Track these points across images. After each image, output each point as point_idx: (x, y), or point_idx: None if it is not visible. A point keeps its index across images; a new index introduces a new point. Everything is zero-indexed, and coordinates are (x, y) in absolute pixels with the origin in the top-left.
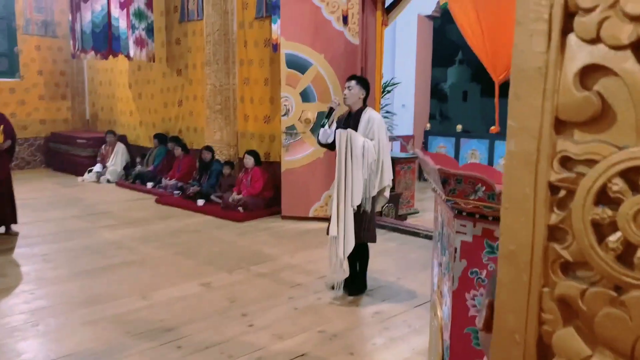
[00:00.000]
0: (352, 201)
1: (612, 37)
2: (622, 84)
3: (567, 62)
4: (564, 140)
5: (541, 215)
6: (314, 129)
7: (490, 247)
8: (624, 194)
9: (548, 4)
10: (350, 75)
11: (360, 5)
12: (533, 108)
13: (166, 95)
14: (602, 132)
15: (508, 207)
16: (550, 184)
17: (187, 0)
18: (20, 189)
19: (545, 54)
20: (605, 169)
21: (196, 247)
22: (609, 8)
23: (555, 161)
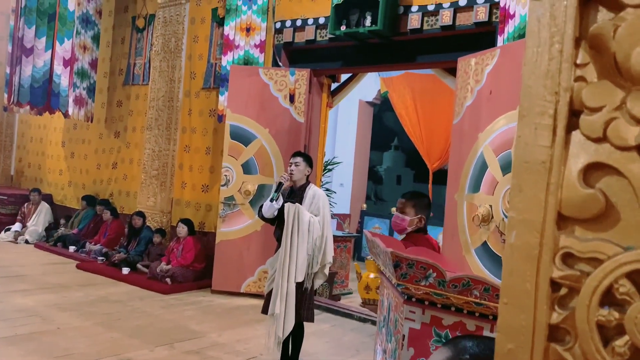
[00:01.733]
0: (295, 277)
1: (618, 137)
2: (627, 184)
3: (571, 158)
4: (567, 237)
5: (542, 313)
6: (252, 201)
7: (438, 336)
8: (631, 296)
9: (554, 100)
10: (296, 152)
11: (307, 87)
12: (536, 201)
13: (101, 156)
14: (605, 231)
15: (507, 303)
16: (552, 281)
17: (133, 65)
18: None
19: (550, 149)
20: (612, 269)
21: (117, 319)
22: (616, 109)
23: (557, 257)
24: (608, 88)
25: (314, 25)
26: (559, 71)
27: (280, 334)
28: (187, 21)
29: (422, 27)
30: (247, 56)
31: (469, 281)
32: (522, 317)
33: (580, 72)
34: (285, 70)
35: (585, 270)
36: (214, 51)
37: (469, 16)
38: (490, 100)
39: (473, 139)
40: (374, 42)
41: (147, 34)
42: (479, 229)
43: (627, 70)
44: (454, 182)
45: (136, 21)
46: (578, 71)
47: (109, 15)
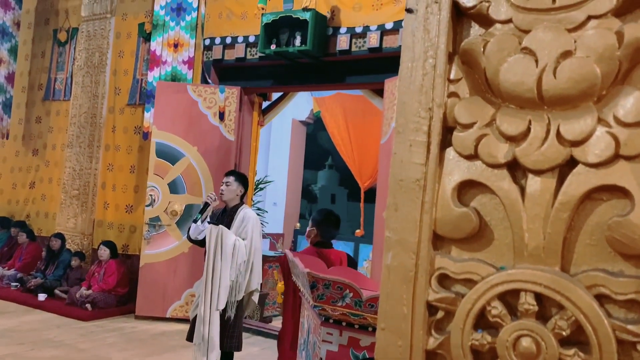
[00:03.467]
0: (217, 304)
1: (489, 154)
2: (499, 202)
3: (445, 176)
4: (442, 257)
5: (419, 338)
6: (179, 222)
7: (356, 358)
8: (503, 319)
9: (427, 116)
10: (229, 171)
11: (237, 104)
12: (411, 220)
13: (17, 175)
14: (479, 250)
15: (384, 328)
16: (429, 304)
17: (54, 79)
18: None
19: (424, 166)
20: (484, 291)
21: (29, 350)
22: (486, 126)
23: (433, 279)
24: (479, 104)
25: (244, 43)
26: (433, 87)
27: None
28: (112, 35)
29: (350, 48)
30: (175, 72)
31: None
32: (399, 343)
33: (453, 87)
34: (215, 87)
35: (461, 292)
36: (140, 67)
37: (395, 39)
38: None
39: None
40: (304, 61)
41: (70, 48)
42: None
43: (496, 86)
44: (382, 200)
45: (58, 34)
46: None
47: (28, 28)
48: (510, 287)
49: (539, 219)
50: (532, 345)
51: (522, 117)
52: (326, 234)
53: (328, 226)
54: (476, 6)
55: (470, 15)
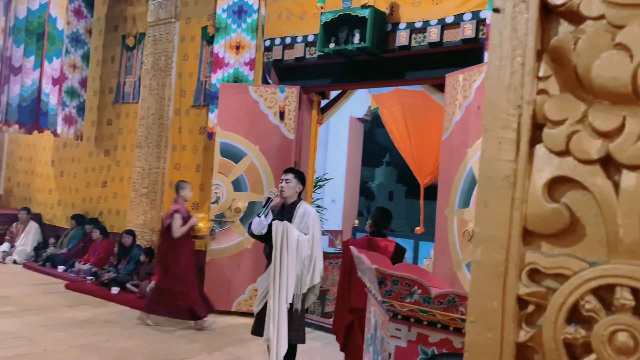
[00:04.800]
0: (287, 298)
1: (581, 151)
2: (591, 198)
3: (535, 173)
4: (533, 252)
5: (510, 331)
6: (243, 218)
7: (425, 354)
8: (597, 313)
9: (517, 114)
10: (288, 168)
11: (296, 103)
12: (501, 217)
13: (90, 175)
14: (570, 245)
15: (474, 321)
16: (519, 298)
17: (123, 83)
18: None
19: (514, 163)
20: (577, 285)
21: (104, 340)
22: (578, 122)
23: (524, 273)
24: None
25: (303, 43)
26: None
27: (273, 358)
28: (177, 39)
29: (410, 44)
30: (237, 74)
31: (455, 297)
32: (489, 336)
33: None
34: (275, 87)
35: (552, 286)
36: (203, 69)
37: (456, 33)
38: (479, 115)
39: (462, 154)
40: (363, 59)
41: (137, 53)
42: (470, 244)
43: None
44: (444, 198)
45: (126, 40)
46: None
47: (99, 35)
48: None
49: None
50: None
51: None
52: (379, 226)
53: (379, 220)
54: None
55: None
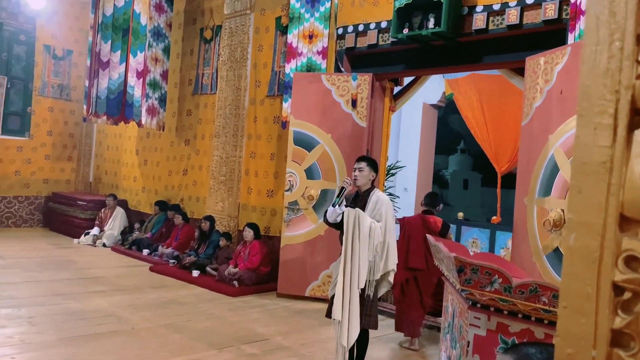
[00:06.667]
0: (357, 283)
1: None
2: None
3: (633, 159)
4: (630, 239)
5: (604, 317)
6: (316, 206)
7: (505, 343)
8: None
9: (614, 99)
10: (361, 156)
11: (369, 91)
12: (596, 203)
13: (172, 163)
14: None
15: (567, 307)
16: (615, 284)
17: (201, 75)
18: (14, 247)
19: (610, 149)
20: None
21: (186, 321)
22: None
23: (620, 260)
24: None
25: (376, 30)
26: (620, 69)
27: (344, 342)
28: (252, 31)
29: (487, 27)
30: (310, 63)
31: (537, 287)
32: (583, 322)
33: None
34: (347, 75)
35: None
36: (277, 59)
37: (537, 14)
38: (561, 100)
39: (543, 140)
40: (438, 44)
41: (215, 45)
42: (551, 234)
43: None
44: (523, 186)
45: (204, 32)
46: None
47: (179, 28)
48: None
49: None
50: None
51: None
52: (429, 206)
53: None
54: None
55: None
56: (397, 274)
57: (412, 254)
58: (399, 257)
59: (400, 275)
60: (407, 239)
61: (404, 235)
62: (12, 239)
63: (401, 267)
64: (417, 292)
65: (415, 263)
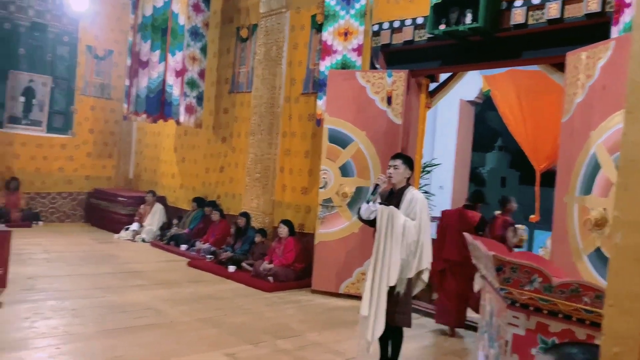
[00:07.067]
0: (387, 280)
1: None
2: None
3: None
4: None
5: None
6: (350, 203)
7: (545, 343)
8: None
9: None
10: (396, 154)
11: (404, 88)
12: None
13: (209, 160)
14: None
15: (613, 305)
16: None
17: (237, 73)
18: (58, 241)
19: None
20: None
21: (223, 315)
22: None
23: None
24: None
25: (412, 26)
26: None
27: (369, 337)
28: (287, 29)
29: (526, 21)
30: (345, 60)
31: (579, 287)
32: (629, 320)
33: None
34: (383, 72)
35: None
36: (312, 57)
37: (579, 8)
38: (604, 96)
39: (584, 137)
40: (475, 39)
41: (250, 43)
42: (592, 233)
43: None
44: (563, 184)
45: (240, 31)
46: None
47: (215, 27)
48: None
49: None
50: None
51: None
52: (470, 201)
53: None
54: None
55: None
56: (433, 264)
57: (447, 245)
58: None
59: (437, 265)
60: (444, 230)
61: (442, 226)
62: (56, 234)
63: (439, 258)
64: (453, 282)
65: (450, 254)
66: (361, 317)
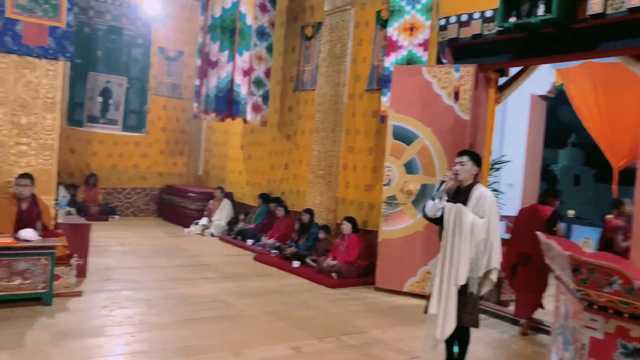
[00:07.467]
0: (456, 280)
1: None
2: None
3: None
4: None
5: None
6: (415, 201)
7: (625, 348)
8: None
9: None
10: (463, 150)
11: (472, 82)
12: None
13: (274, 158)
14: None
15: None
16: None
17: (302, 72)
18: (133, 235)
19: None
20: None
21: (288, 309)
22: None
23: None
24: None
25: (481, 19)
26: None
27: (438, 335)
28: (352, 26)
29: (604, 11)
30: (410, 56)
31: None
32: None
33: None
34: (450, 67)
35: None
36: (377, 53)
37: None
38: None
39: None
40: (548, 31)
41: (315, 42)
42: None
43: None
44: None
45: (305, 30)
46: None
47: (281, 26)
48: None
49: None
50: None
51: None
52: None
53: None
54: None
55: None
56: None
57: (520, 239)
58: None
59: (510, 258)
60: (517, 225)
61: (516, 222)
62: (131, 227)
63: (513, 251)
64: (526, 276)
65: (522, 247)
66: (430, 315)
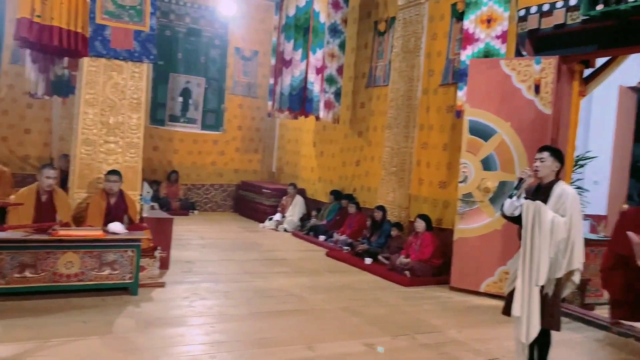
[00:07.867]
0: (537, 280)
1: None
2: None
3: None
4: None
5: None
6: (493, 199)
7: None
8: None
9: None
10: (543, 146)
11: (554, 75)
12: None
13: (345, 154)
14: None
15: None
16: None
17: (375, 67)
18: (212, 229)
19: None
20: None
21: (361, 306)
22: None
23: None
24: None
25: (564, 8)
26: None
27: (522, 339)
28: (426, 20)
29: None
30: (488, 48)
31: None
32: None
33: None
34: (530, 59)
35: None
36: (452, 47)
37: None
38: None
39: None
40: (638, 19)
41: (388, 37)
42: None
43: None
44: None
45: (378, 25)
46: None
47: (354, 23)
48: None
49: None
50: None
51: None
52: None
53: None
54: None
55: None
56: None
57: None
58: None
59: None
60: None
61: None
62: (209, 222)
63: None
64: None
65: (621, 249)
66: (514, 318)
